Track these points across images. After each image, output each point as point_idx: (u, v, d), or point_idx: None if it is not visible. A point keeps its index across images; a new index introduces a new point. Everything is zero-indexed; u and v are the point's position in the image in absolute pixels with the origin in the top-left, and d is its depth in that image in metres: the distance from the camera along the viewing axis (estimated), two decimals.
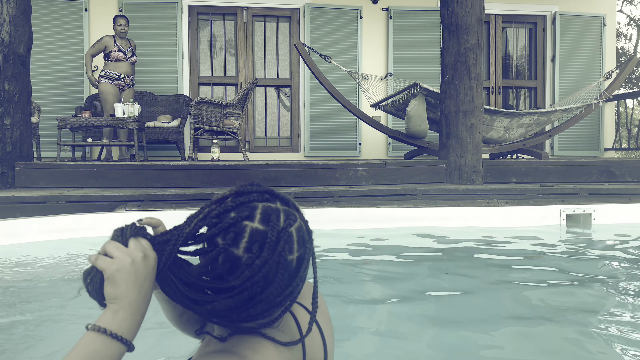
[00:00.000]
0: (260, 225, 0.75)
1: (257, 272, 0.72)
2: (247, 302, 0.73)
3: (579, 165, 5.31)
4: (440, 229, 3.65)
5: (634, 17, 16.62)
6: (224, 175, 4.71)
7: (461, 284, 2.57)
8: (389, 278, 2.71)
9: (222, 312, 0.74)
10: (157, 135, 6.54)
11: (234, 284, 0.73)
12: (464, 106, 4.98)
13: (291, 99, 7.75)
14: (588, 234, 3.71)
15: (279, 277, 0.74)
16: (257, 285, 0.73)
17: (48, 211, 3.79)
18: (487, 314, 2.16)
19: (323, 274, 2.70)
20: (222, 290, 0.73)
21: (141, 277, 0.71)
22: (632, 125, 12.53)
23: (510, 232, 3.62)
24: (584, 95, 6.71)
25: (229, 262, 0.74)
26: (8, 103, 4.51)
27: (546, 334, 1.94)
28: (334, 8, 7.49)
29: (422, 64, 7.64)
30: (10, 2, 4.47)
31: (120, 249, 0.72)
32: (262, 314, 0.76)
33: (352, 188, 4.57)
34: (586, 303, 2.32)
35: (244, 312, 0.74)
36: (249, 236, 0.74)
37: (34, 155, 5.34)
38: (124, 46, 6.03)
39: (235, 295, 0.73)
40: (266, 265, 0.73)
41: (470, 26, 4.95)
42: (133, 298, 0.70)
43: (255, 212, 0.76)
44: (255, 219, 0.75)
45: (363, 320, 2.12)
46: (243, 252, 0.73)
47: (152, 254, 0.73)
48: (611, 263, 2.99)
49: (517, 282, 2.64)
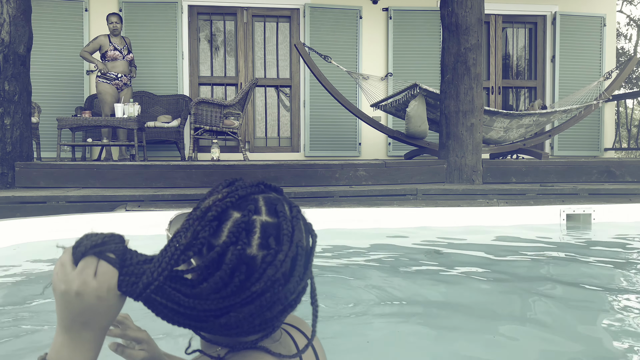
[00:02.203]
0: (270, 217, 0.67)
1: (279, 268, 0.64)
2: (268, 306, 0.65)
3: (579, 165, 5.31)
4: (440, 229, 3.65)
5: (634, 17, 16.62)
6: (224, 176, 4.71)
7: (461, 284, 2.57)
8: (388, 278, 2.71)
9: (237, 323, 0.64)
10: (157, 135, 6.54)
11: (255, 290, 0.63)
12: (464, 106, 4.98)
13: (291, 99, 7.75)
14: (588, 234, 3.71)
15: (297, 270, 0.67)
16: (278, 283, 0.64)
17: (48, 211, 3.78)
18: (486, 314, 2.16)
19: (323, 274, 2.70)
20: (241, 298, 0.64)
21: (74, 311, 0.60)
22: (632, 125, 12.53)
23: (510, 232, 3.62)
24: (584, 95, 6.71)
25: (244, 265, 0.63)
26: (8, 103, 4.51)
27: (546, 334, 1.94)
28: (334, 8, 7.49)
29: (422, 64, 7.64)
30: (10, 2, 4.47)
31: (63, 270, 0.60)
32: (278, 316, 0.68)
33: (352, 188, 4.57)
34: (586, 303, 2.32)
35: (259, 318, 0.65)
36: (261, 231, 0.65)
37: (34, 155, 5.34)
38: (119, 44, 6.01)
39: (255, 300, 0.64)
40: (286, 259, 0.65)
41: (470, 26, 4.95)
42: (68, 326, 0.61)
43: (259, 204, 0.67)
44: (262, 212, 0.67)
45: (363, 320, 2.12)
46: (258, 250, 0.64)
47: (93, 287, 0.59)
48: (611, 263, 2.98)
49: (516, 282, 2.64)
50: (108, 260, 0.60)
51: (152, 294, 0.61)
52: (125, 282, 0.60)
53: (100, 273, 0.60)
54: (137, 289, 0.60)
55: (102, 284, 0.59)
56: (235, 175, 5.26)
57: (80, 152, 6.63)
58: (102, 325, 0.62)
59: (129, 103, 5.70)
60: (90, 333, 0.61)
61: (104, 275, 0.60)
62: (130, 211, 3.52)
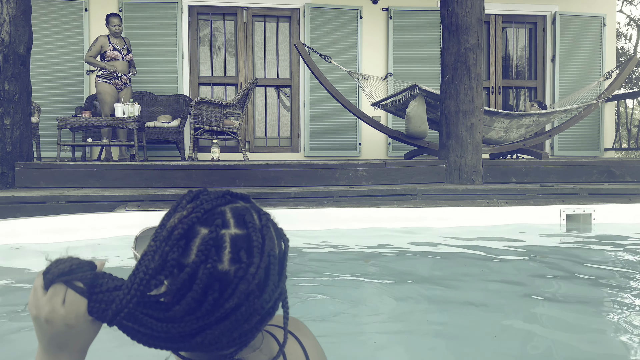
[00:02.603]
0: (239, 229, 0.65)
1: (252, 281, 0.63)
2: (245, 319, 0.64)
3: (579, 165, 5.31)
4: (440, 229, 3.65)
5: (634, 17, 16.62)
6: (224, 175, 4.71)
7: (461, 285, 2.57)
8: (388, 278, 2.71)
9: (214, 340, 0.63)
10: (157, 135, 6.54)
11: (229, 306, 0.62)
12: (464, 106, 4.97)
13: (291, 99, 7.75)
14: (588, 234, 3.71)
15: (271, 279, 0.66)
16: (253, 295, 0.63)
17: (48, 211, 3.78)
18: (486, 313, 2.16)
19: (322, 274, 2.70)
20: (215, 317, 0.63)
21: (47, 336, 0.61)
22: (632, 125, 12.53)
23: (510, 232, 3.62)
24: (584, 95, 6.71)
25: (217, 282, 0.62)
26: (8, 103, 4.51)
27: (546, 334, 1.94)
28: (334, 8, 7.49)
29: (422, 64, 7.64)
30: (10, 2, 4.47)
31: (35, 295, 0.61)
32: (257, 327, 0.67)
33: (352, 188, 4.57)
34: (586, 303, 2.32)
35: (237, 331, 0.64)
36: (231, 245, 0.63)
37: (34, 155, 5.34)
38: (118, 44, 6.02)
39: (230, 315, 0.63)
40: (259, 271, 0.64)
41: (470, 26, 4.95)
42: (45, 348, 0.62)
43: (227, 217, 0.65)
44: (230, 225, 0.65)
45: (362, 320, 2.12)
46: (229, 265, 0.62)
47: (62, 314, 0.60)
48: (611, 263, 2.98)
49: (516, 282, 2.64)
50: (75, 289, 0.60)
51: (124, 320, 0.61)
52: (95, 308, 0.61)
53: (69, 302, 0.60)
54: (108, 316, 0.60)
55: (69, 313, 0.60)
56: (235, 175, 5.25)
57: (80, 152, 6.63)
58: (77, 347, 0.63)
59: (129, 103, 5.70)
60: (67, 354, 0.62)
61: (72, 305, 0.60)
62: (130, 211, 3.52)
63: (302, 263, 2.86)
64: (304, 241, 3.27)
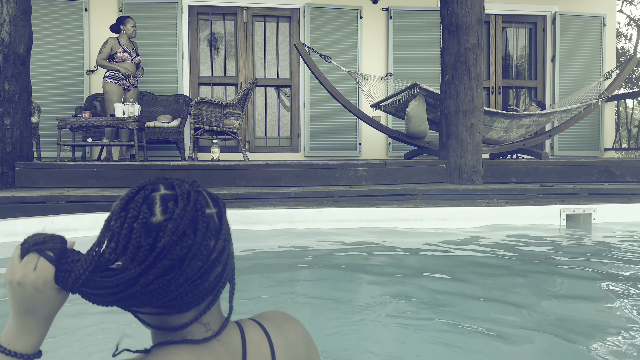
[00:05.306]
0: (168, 191, 0.74)
1: (179, 221, 0.70)
2: (187, 263, 0.70)
3: (579, 165, 5.31)
4: (440, 229, 3.65)
5: (634, 17, 16.62)
6: (224, 175, 4.71)
7: (460, 284, 2.57)
8: (388, 278, 2.71)
9: (164, 288, 0.69)
10: (157, 135, 6.54)
11: (162, 244, 0.69)
12: (464, 106, 4.98)
13: (291, 99, 7.75)
14: (588, 234, 3.71)
15: (201, 225, 0.72)
16: (185, 236, 0.70)
17: (48, 211, 3.79)
18: (486, 314, 2.16)
19: (322, 274, 2.70)
20: (153, 257, 0.70)
21: (17, 299, 0.69)
22: (632, 125, 12.53)
23: (510, 232, 3.62)
24: (584, 95, 6.71)
25: (153, 232, 0.70)
26: (8, 103, 4.51)
27: (546, 333, 1.94)
28: (334, 8, 7.49)
29: (422, 64, 7.64)
30: (10, 2, 4.47)
31: (12, 263, 0.70)
32: (202, 281, 0.72)
33: (352, 188, 4.57)
34: (586, 303, 2.32)
35: (186, 283, 0.70)
36: (161, 201, 0.72)
37: (34, 155, 5.34)
38: (128, 47, 6.06)
39: (168, 254, 0.69)
40: (186, 214, 0.71)
41: (470, 26, 4.95)
42: (16, 313, 0.70)
43: (158, 185, 0.75)
44: (160, 189, 0.74)
45: (361, 321, 2.12)
46: (161, 215, 0.71)
47: (32, 279, 0.68)
48: (611, 263, 2.98)
49: (516, 282, 2.64)
50: (46, 257, 0.70)
51: (82, 287, 0.69)
52: (60, 277, 0.69)
53: (39, 268, 0.69)
54: (69, 283, 0.69)
55: (39, 277, 0.69)
56: (235, 175, 5.25)
57: (80, 152, 6.63)
58: (44, 314, 0.71)
59: (129, 103, 5.70)
60: (34, 320, 0.70)
61: (41, 271, 0.69)
62: None
63: (301, 262, 2.86)
64: (303, 241, 3.27)
